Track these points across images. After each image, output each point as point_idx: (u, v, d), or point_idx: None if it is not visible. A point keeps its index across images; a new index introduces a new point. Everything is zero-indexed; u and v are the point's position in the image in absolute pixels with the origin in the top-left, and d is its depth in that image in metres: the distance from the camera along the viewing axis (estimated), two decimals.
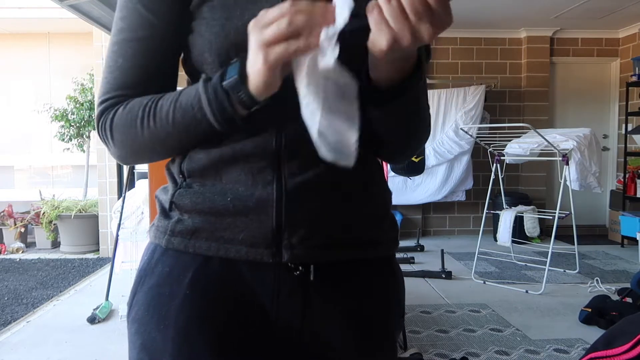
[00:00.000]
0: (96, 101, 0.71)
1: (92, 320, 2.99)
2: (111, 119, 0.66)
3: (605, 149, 5.79)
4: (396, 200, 5.35)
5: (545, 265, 3.64)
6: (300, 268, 0.65)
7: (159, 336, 0.65)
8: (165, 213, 0.70)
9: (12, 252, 5.14)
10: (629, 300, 3.07)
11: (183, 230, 0.67)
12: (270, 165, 0.64)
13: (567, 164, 3.71)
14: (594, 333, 2.75)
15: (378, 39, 0.52)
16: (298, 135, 0.63)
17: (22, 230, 5.35)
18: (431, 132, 4.45)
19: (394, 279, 0.74)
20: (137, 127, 0.64)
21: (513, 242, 4.23)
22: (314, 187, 0.64)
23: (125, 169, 4.43)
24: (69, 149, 5.65)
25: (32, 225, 5.38)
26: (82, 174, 5.74)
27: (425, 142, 0.74)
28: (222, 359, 0.65)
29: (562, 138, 3.79)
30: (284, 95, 0.61)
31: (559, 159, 3.77)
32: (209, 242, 0.65)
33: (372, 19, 0.51)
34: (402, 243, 5.14)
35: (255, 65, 0.54)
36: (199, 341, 0.65)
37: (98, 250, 5.06)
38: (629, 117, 5.20)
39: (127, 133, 0.65)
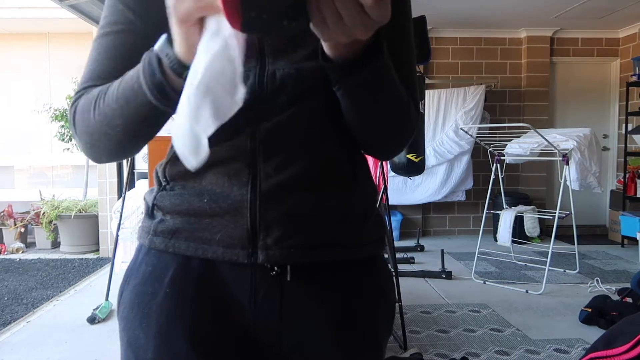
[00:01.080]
0: None
1: (92, 320, 2.99)
2: (75, 107, 0.67)
3: (605, 149, 5.79)
4: (396, 200, 5.35)
5: (546, 265, 3.64)
6: (277, 269, 0.65)
7: (141, 334, 0.67)
8: (149, 214, 0.71)
9: (12, 252, 5.14)
10: (629, 300, 3.07)
11: (164, 230, 0.68)
12: (246, 166, 0.64)
13: (567, 164, 3.71)
14: (594, 333, 2.75)
15: (315, 28, 0.48)
16: (274, 137, 0.64)
17: (22, 230, 5.35)
18: (431, 132, 4.46)
19: (380, 280, 0.73)
20: (90, 110, 0.64)
21: (513, 242, 4.23)
22: (290, 188, 0.64)
23: (125, 169, 4.43)
24: (69, 149, 5.65)
25: (32, 225, 5.38)
26: (82, 174, 5.74)
27: (410, 136, 0.71)
28: (201, 357, 0.65)
29: (562, 138, 3.79)
30: (261, 95, 0.62)
31: (559, 159, 3.77)
32: (188, 242, 0.66)
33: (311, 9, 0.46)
34: (402, 243, 5.14)
35: (172, 24, 0.50)
36: (179, 339, 0.65)
37: (98, 250, 5.06)
38: (629, 117, 5.20)
39: (84, 119, 0.65)
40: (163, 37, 0.55)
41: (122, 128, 0.62)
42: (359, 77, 0.57)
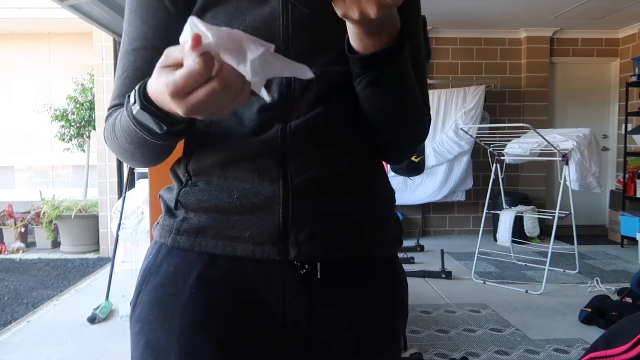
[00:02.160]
0: None
1: (92, 320, 2.99)
2: (104, 130, 0.70)
3: (605, 149, 5.79)
4: (396, 200, 5.33)
5: (545, 265, 3.64)
6: (307, 267, 0.65)
7: (163, 335, 0.65)
8: (170, 212, 0.70)
9: (12, 252, 5.14)
10: (628, 300, 3.07)
11: (189, 229, 0.67)
12: (275, 162, 0.64)
13: (567, 164, 3.71)
14: (593, 333, 2.75)
15: (338, 9, 0.53)
16: (302, 134, 0.64)
17: (22, 230, 5.35)
18: (431, 132, 4.45)
19: (398, 279, 0.75)
20: (111, 138, 0.67)
21: (513, 242, 4.23)
22: (320, 184, 0.64)
23: (125, 169, 4.43)
24: (69, 149, 5.65)
25: (32, 225, 5.38)
26: (82, 174, 5.74)
27: (423, 139, 0.73)
28: (227, 359, 0.65)
29: (562, 138, 3.79)
30: (289, 94, 0.64)
31: (558, 159, 3.77)
32: (216, 240, 0.65)
33: None
34: (402, 243, 5.13)
35: (176, 111, 0.51)
36: (204, 341, 0.64)
37: (98, 250, 5.06)
38: (628, 117, 5.20)
39: (110, 143, 0.69)
40: (136, 98, 0.54)
41: (139, 155, 0.66)
42: (379, 71, 0.60)
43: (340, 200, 0.66)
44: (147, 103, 0.53)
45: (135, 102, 0.54)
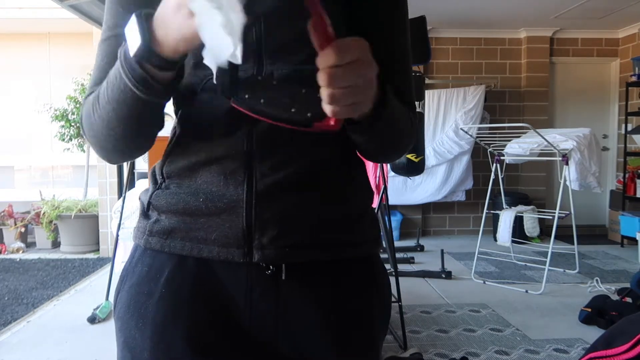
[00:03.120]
0: None
1: (92, 320, 2.99)
2: (81, 113, 0.69)
3: (605, 149, 5.79)
4: (396, 200, 5.35)
5: (545, 265, 3.64)
6: (272, 268, 0.65)
7: (138, 334, 0.67)
8: (144, 214, 0.71)
9: (12, 252, 5.14)
10: (628, 300, 3.07)
11: (160, 230, 0.68)
12: (241, 166, 0.64)
13: (567, 164, 3.71)
14: (593, 333, 2.75)
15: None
16: (270, 136, 0.64)
17: (22, 230, 5.35)
18: (431, 132, 4.45)
19: (375, 280, 0.73)
20: (91, 114, 0.65)
21: (513, 242, 4.23)
22: (285, 188, 0.65)
23: (126, 169, 4.43)
24: (69, 149, 5.65)
25: (32, 225, 5.38)
26: (82, 174, 5.74)
27: (411, 144, 0.75)
28: (198, 357, 0.65)
29: (562, 138, 3.79)
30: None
31: (558, 159, 3.77)
32: (184, 241, 0.66)
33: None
34: (402, 243, 5.14)
35: (180, 30, 0.51)
36: (175, 338, 0.65)
37: (98, 250, 5.06)
38: (628, 117, 5.20)
39: (88, 124, 0.66)
40: (134, 25, 0.54)
41: (121, 128, 0.63)
42: (374, 128, 0.62)
43: (307, 204, 0.66)
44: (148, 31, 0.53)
45: (137, 30, 0.53)
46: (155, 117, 0.64)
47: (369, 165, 3.14)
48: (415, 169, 3.46)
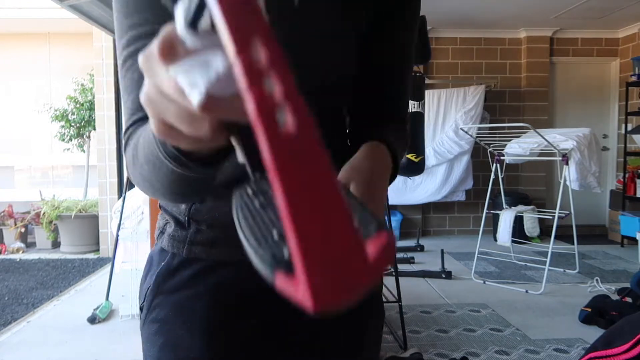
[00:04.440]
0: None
1: (92, 320, 2.99)
2: (125, 153, 0.59)
3: (605, 148, 5.79)
4: (396, 200, 5.35)
5: (545, 265, 3.64)
6: None
7: (186, 334, 0.69)
8: (180, 224, 0.72)
9: (12, 252, 5.14)
10: (628, 300, 3.07)
11: (203, 241, 0.70)
12: None
13: (567, 164, 3.71)
14: (593, 333, 2.75)
15: None
16: None
17: (23, 230, 5.35)
18: (431, 132, 4.45)
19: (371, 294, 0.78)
20: (132, 165, 0.56)
21: (513, 242, 4.23)
22: None
23: (126, 169, 4.43)
24: (69, 149, 5.65)
25: (32, 225, 5.38)
26: (82, 174, 5.74)
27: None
28: (247, 353, 0.70)
29: (562, 138, 3.79)
30: None
31: (558, 159, 3.77)
32: (229, 247, 0.68)
33: None
34: (402, 243, 5.14)
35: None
36: (226, 337, 0.69)
37: (98, 250, 5.06)
38: (628, 117, 5.20)
39: (131, 170, 0.57)
40: None
41: (163, 189, 0.53)
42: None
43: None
44: None
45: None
46: (202, 183, 0.51)
47: None
48: (415, 169, 3.46)
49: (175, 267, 0.72)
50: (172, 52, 0.29)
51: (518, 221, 4.35)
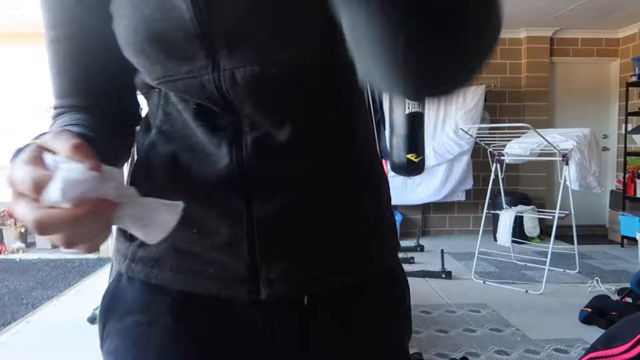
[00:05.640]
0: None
1: (92, 320, 2.99)
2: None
3: (605, 149, 5.79)
4: (396, 200, 5.35)
5: (545, 265, 3.64)
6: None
7: None
8: (125, 234, 0.61)
9: (12, 252, 5.14)
10: (629, 300, 3.07)
11: (145, 257, 0.58)
12: (234, 192, 0.54)
13: (567, 164, 3.71)
14: (594, 333, 2.75)
15: None
16: (259, 152, 0.53)
17: (23, 230, 5.35)
18: (431, 132, 4.44)
19: (398, 287, 0.69)
20: None
21: (513, 242, 4.23)
22: (289, 215, 0.55)
23: (126, 169, 4.43)
24: None
25: None
26: None
27: (491, 53, 0.42)
28: None
29: (562, 138, 3.79)
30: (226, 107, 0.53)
31: (558, 159, 3.77)
32: (176, 274, 0.57)
33: None
34: (402, 243, 5.12)
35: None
36: None
37: (98, 250, 5.06)
38: (628, 117, 5.20)
39: None
40: None
41: None
42: None
43: (321, 225, 0.57)
44: None
45: None
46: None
47: None
48: (415, 169, 3.45)
49: (125, 286, 0.60)
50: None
51: (518, 221, 4.36)
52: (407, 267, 4.25)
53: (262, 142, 0.53)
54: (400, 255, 4.51)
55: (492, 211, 4.39)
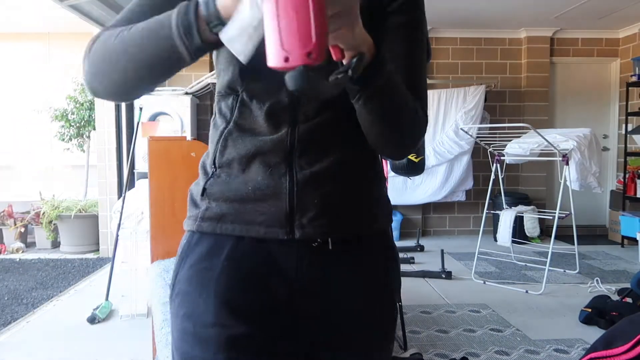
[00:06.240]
0: None
1: (92, 320, 2.99)
2: (97, 36, 0.72)
3: (605, 149, 5.79)
4: (396, 200, 5.35)
5: (545, 265, 3.64)
6: (319, 240, 0.77)
7: (201, 303, 0.75)
8: (195, 203, 0.81)
9: (12, 252, 5.14)
10: (629, 300, 3.07)
11: (211, 216, 0.78)
12: (283, 160, 0.75)
13: (567, 164, 3.71)
14: (594, 333, 2.75)
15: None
16: (308, 136, 0.76)
17: (22, 230, 5.35)
18: (431, 132, 4.45)
19: (391, 249, 0.87)
20: (112, 37, 0.68)
21: (513, 242, 4.23)
22: (320, 178, 0.76)
23: (125, 169, 4.43)
24: (69, 149, 5.65)
25: (32, 225, 5.38)
26: (82, 174, 5.74)
27: (419, 137, 0.80)
28: (259, 320, 0.75)
29: (562, 138, 3.79)
30: (297, 100, 0.75)
31: (559, 159, 3.77)
32: (234, 224, 0.77)
33: None
34: (402, 243, 5.14)
35: None
36: (239, 303, 0.75)
37: (98, 250, 5.06)
38: (629, 117, 5.20)
39: (102, 44, 0.70)
40: None
41: (135, 58, 0.67)
42: (373, 86, 0.67)
43: (337, 190, 0.77)
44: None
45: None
46: (166, 68, 0.68)
47: None
48: (415, 169, 3.45)
49: (194, 243, 0.80)
50: None
51: (518, 221, 4.36)
52: (407, 267, 4.25)
53: (310, 130, 0.76)
54: (400, 255, 4.52)
55: (492, 211, 4.40)
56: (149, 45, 0.65)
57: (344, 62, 0.61)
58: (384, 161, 3.03)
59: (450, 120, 5.34)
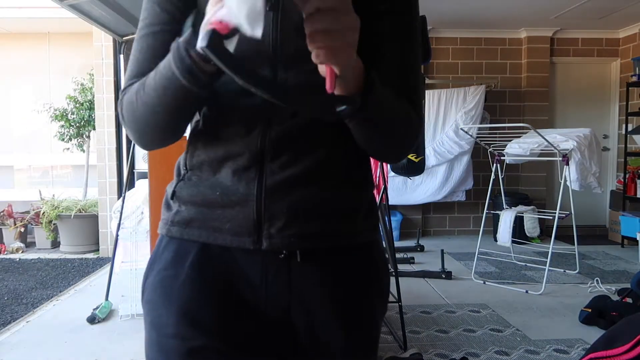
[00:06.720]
0: None
1: (92, 320, 2.99)
2: (121, 102, 0.75)
3: (605, 149, 5.79)
4: (396, 200, 5.35)
5: (545, 265, 3.64)
6: (285, 252, 0.73)
7: (164, 312, 0.73)
8: (168, 205, 0.79)
9: (12, 252, 5.14)
10: (629, 300, 3.07)
11: (180, 220, 0.76)
12: (254, 164, 0.72)
13: (567, 164, 3.71)
14: (594, 333, 2.75)
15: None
16: (282, 139, 0.72)
17: (22, 230, 5.35)
18: (431, 132, 4.45)
19: (373, 265, 0.80)
20: (134, 101, 0.72)
21: (513, 242, 4.23)
22: (292, 185, 0.72)
23: (125, 169, 4.42)
24: (68, 148, 5.65)
25: (32, 225, 5.38)
26: (82, 173, 5.74)
27: (413, 143, 0.77)
28: (220, 330, 0.72)
29: (562, 138, 3.79)
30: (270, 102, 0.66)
31: (559, 159, 3.77)
32: (201, 230, 0.74)
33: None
34: (402, 243, 5.14)
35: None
36: (200, 314, 0.73)
37: (98, 250, 5.06)
38: (629, 117, 5.20)
39: (129, 110, 0.73)
40: (189, 27, 0.64)
41: (163, 113, 0.70)
42: (367, 109, 0.63)
43: (310, 198, 0.73)
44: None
45: (189, 22, 0.64)
46: (190, 109, 0.72)
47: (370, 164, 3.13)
48: (415, 169, 3.45)
49: (162, 249, 0.78)
50: None
51: (518, 221, 4.35)
52: (407, 267, 4.25)
53: (285, 132, 0.72)
54: (400, 255, 4.50)
55: (492, 211, 4.40)
56: (170, 99, 0.67)
57: (335, 92, 0.60)
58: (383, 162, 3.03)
59: (450, 120, 5.34)
